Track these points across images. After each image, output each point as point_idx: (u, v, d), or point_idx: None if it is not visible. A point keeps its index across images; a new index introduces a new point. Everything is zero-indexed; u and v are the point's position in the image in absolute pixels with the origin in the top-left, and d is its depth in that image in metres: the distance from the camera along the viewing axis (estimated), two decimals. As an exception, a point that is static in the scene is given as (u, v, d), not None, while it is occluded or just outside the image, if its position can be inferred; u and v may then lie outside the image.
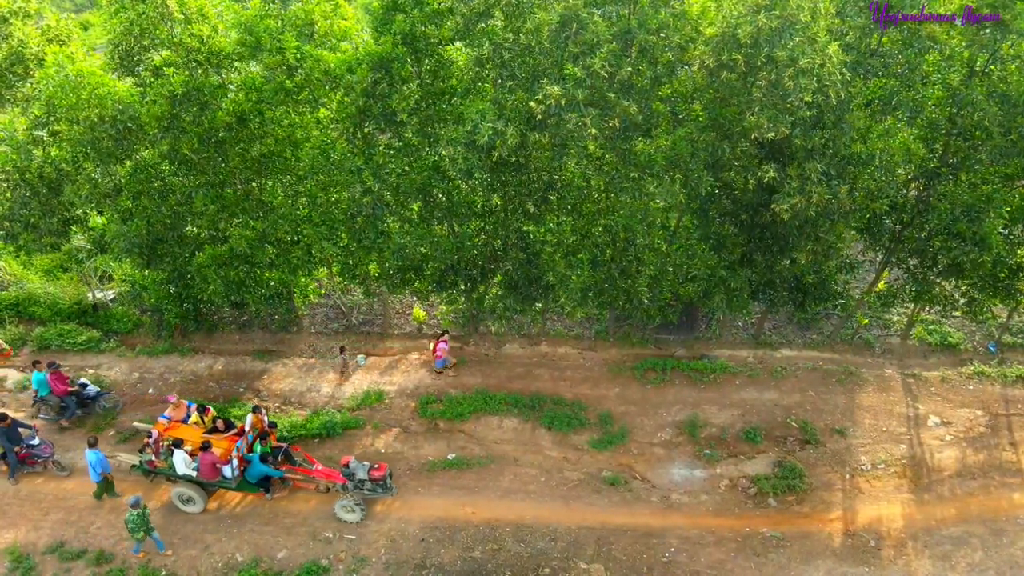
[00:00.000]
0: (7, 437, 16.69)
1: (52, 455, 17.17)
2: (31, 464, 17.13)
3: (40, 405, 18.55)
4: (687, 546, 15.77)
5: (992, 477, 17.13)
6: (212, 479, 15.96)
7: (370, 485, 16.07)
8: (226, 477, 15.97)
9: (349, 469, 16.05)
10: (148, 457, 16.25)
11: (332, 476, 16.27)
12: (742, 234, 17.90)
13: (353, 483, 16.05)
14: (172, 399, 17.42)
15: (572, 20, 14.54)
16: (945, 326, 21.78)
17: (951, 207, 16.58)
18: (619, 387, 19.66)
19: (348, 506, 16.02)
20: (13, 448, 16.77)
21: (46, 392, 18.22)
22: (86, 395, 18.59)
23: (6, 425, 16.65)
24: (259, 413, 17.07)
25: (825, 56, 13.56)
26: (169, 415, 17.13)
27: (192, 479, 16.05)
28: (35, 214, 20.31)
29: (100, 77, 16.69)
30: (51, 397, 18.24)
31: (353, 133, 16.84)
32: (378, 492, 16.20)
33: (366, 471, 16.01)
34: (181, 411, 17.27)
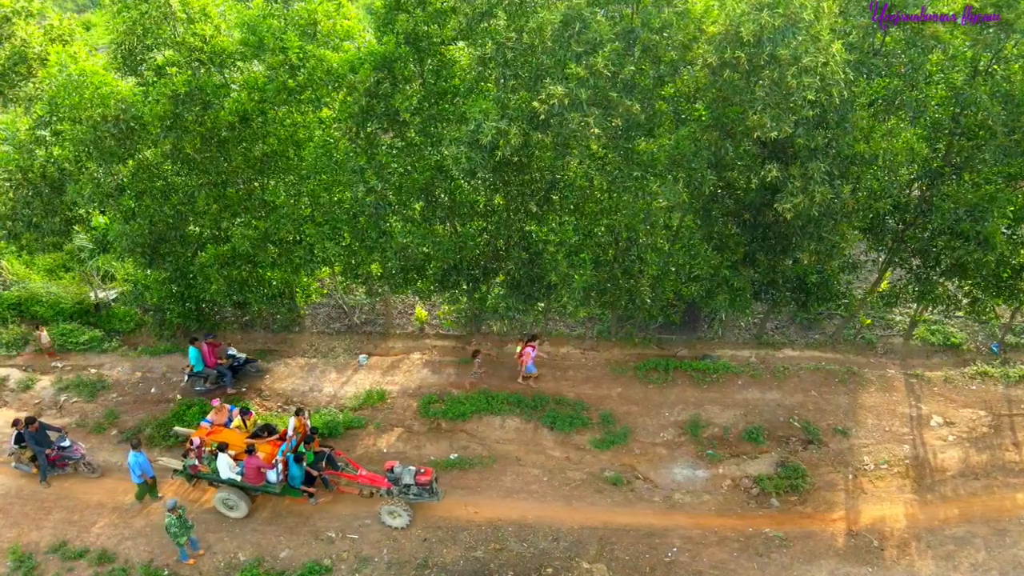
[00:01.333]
0: (36, 440, 16.63)
1: (83, 456, 17.12)
2: (61, 466, 17.06)
3: (194, 380, 19.26)
4: (690, 546, 15.74)
5: (995, 477, 17.09)
6: (257, 483, 15.79)
7: (416, 490, 15.82)
8: (270, 481, 15.81)
9: (394, 474, 15.85)
10: (192, 461, 16.05)
11: (376, 481, 16.07)
12: (745, 234, 17.88)
13: (398, 488, 15.81)
14: (216, 403, 17.31)
15: (575, 19, 14.53)
16: (948, 326, 21.75)
17: (954, 207, 16.55)
18: (621, 387, 19.64)
19: (394, 511, 15.82)
20: (44, 451, 16.69)
21: (201, 366, 18.84)
22: (236, 363, 19.30)
23: (35, 428, 16.60)
24: (302, 416, 16.88)
25: (828, 55, 13.54)
26: (212, 419, 17.01)
27: (236, 483, 15.85)
28: (37, 213, 20.30)
29: (103, 76, 16.69)
30: (207, 370, 19.04)
31: (356, 133, 16.82)
32: (424, 497, 15.92)
33: (412, 475, 15.83)
34: (223, 415, 17.16)
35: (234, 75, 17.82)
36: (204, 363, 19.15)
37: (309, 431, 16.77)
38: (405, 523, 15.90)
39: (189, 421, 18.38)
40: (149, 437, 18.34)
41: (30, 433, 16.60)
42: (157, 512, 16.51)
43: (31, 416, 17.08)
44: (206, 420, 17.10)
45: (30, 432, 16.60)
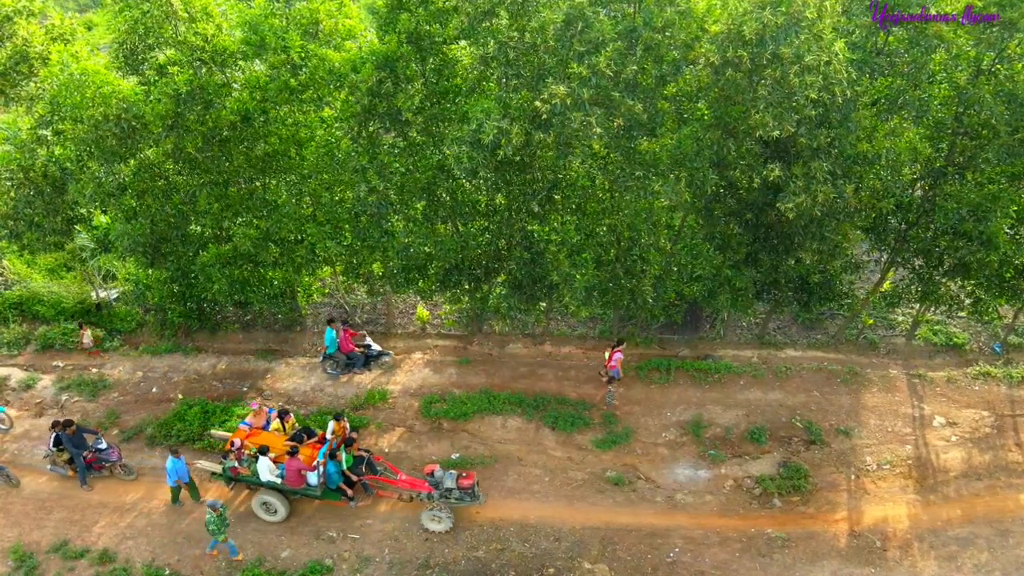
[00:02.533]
0: (73, 443, 16.55)
1: (120, 459, 17.05)
2: (98, 468, 17.00)
3: (327, 362, 19.63)
4: (691, 546, 15.71)
5: (998, 478, 17.04)
6: (298, 486, 15.62)
7: (458, 494, 15.67)
8: (311, 484, 15.63)
9: (435, 478, 15.73)
10: (232, 463, 15.89)
11: (417, 485, 15.93)
12: (747, 233, 17.84)
13: (440, 492, 15.70)
14: (255, 405, 17.16)
15: (577, 19, 14.50)
16: (950, 326, 21.70)
17: (957, 207, 16.51)
18: (623, 387, 19.59)
19: (436, 516, 15.67)
20: (81, 453, 16.61)
21: (335, 349, 19.27)
22: (370, 353, 19.51)
23: (71, 432, 16.52)
24: (341, 420, 16.74)
25: (831, 54, 13.52)
26: (250, 421, 16.87)
27: (276, 487, 15.71)
28: (39, 213, 20.29)
29: (104, 76, 16.69)
30: (339, 354, 19.39)
31: (358, 132, 16.79)
32: (465, 500, 15.76)
33: (454, 480, 15.68)
34: (262, 418, 17.01)
35: (236, 74, 17.80)
36: (338, 347, 19.37)
37: (349, 434, 16.54)
38: (447, 527, 15.74)
39: (190, 421, 18.37)
40: (150, 437, 18.34)
41: (67, 436, 16.48)
42: (158, 511, 16.52)
43: (68, 419, 17.00)
44: (244, 423, 16.92)
45: (67, 435, 16.47)
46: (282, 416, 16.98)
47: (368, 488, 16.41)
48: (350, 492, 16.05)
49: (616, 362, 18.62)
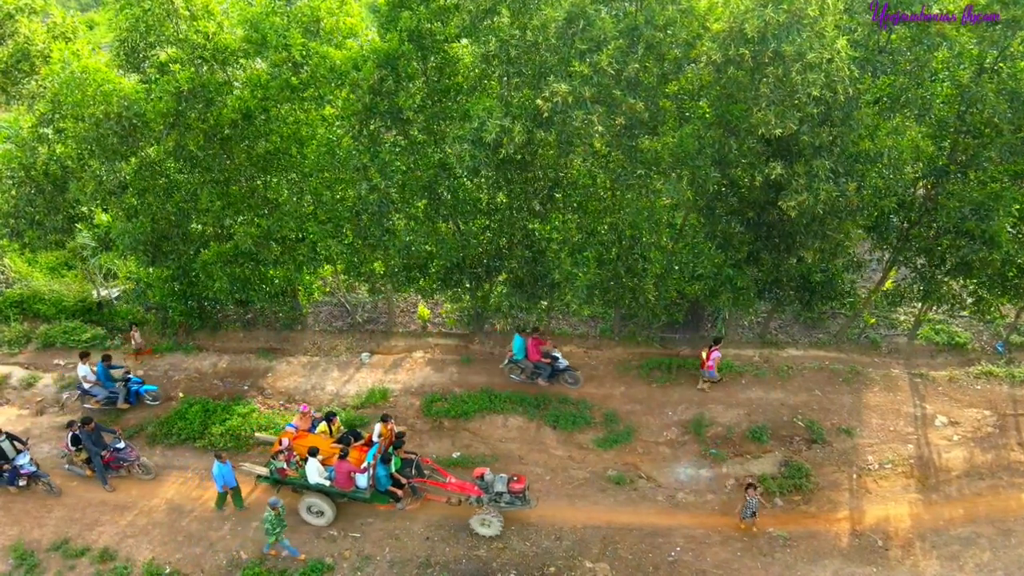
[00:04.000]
0: (92, 441, 16.47)
1: (138, 458, 16.96)
2: (116, 468, 16.91)
3: (512, 366, 19.45)
4: (693, 545, 15.68)
5: (1000, 477, 17.00)
6: (347, 489, 15.45)
7: (508, 498, 15.45)
8: (360, 487, 15.47)
9: (484, 481, 15.61)
10: (280, 465, 15.63)
11: (466, 489, 15.73)
12: (748, 232, 17.81)
13: (489, 496, 15.55)
14: (304, 408, 16.96)
15: (579, 17, 14.47)
16: (952, 326, 21.66)
17: (960, 205, 16.47)
18: (624, 386, 19.58)
19: (486, 520, 15.47)
20: (100, 452, 16.53)
21: (522, 356, 19.09)
22: (557, 366, 19.08)
23: (90, 429, 16.43)
24: (388, 422, 16.51)
25: (833, 51, 13.47)
26: (296, 424, 16.73)
27: (324, 489, 15.54)
28: (40, 211, 20.29)
29: (105, 74, 16.69)
30: (525, 362, 19.12)
31: (359, 130, 16.79)
32: (516, 505, 15.52)
33: (505, 483, 15.47)
34: (307, 420, 16.86)
35: (237, 73, 17.80)
36: (526, 354, 19.13)
37: (395, 436, 16.32)
38: (497, 531, 15.57)
39: (191, 419, 18.37)
40: (151, 435, 18.32)
41: (86, 434, 16.39)
42: (159, 510, 16.51)
43: (87, 416, 16.92)
44: (290, 425, 16.74)
45: (86, 433, 16.39)
46: (328, 419, 16.82)
47: (416, 491, 16.19)
48: (399, 495, 15.81)
49: (714, 361, 18.58)
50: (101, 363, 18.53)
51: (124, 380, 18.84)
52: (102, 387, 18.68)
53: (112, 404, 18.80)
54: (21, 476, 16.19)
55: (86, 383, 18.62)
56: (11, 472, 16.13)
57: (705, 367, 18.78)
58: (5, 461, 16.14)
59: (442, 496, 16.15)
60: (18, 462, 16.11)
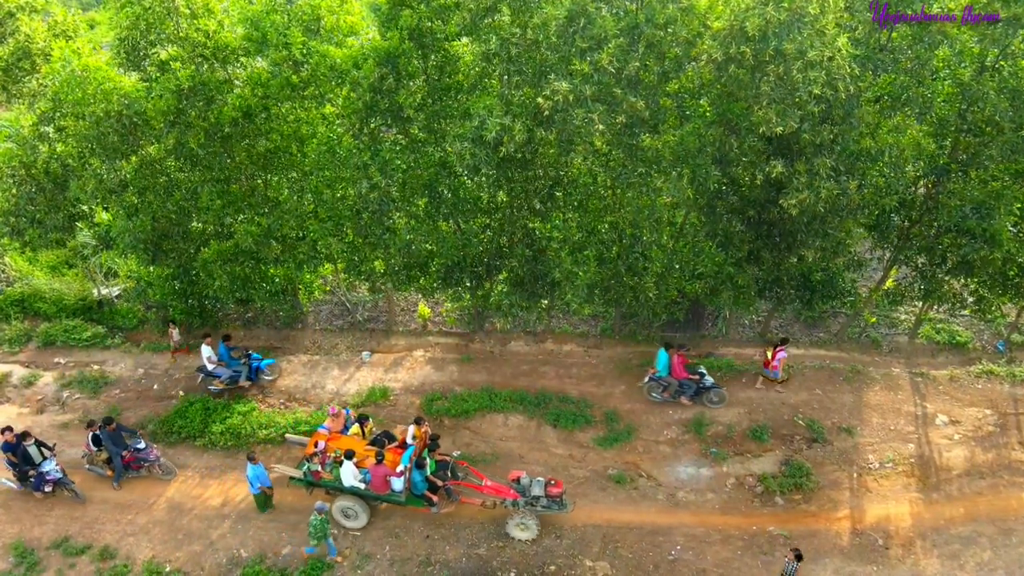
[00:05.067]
0: (113, 441, 16.44)
1: (158, 458, 16.94)
2: (136, 468, 16.89)
3: (653, 384, 18.80)
4: (693, 544, 15.68)
5: (1001, 476, 17.00)
6: (383, 492, 15.30)
7: (545, 501, 15.31)
8: (395, 490, 15.29)
9: (521, 484, 15.50)
10: (315, 467, 15.52)
11: (503, 492, 15.58)
12: (749, 231, 17.80)
13: (526, 499, 15.40)
14: (333, 411, 16.85)
15: (579, 15, 14.45)
16: (953, 325, 21.64)
17: (960, 204, 16.46)
18: (625, 385, 19.58)
19: (523, 523, 15.37)
20: (120, 452, 16.50)
21: (666, 373, 18.59)
22: (703, 384, 18.54)
23: (111, 429, 16.41)
24: (422, 425, 16.33)
25: (834, 49, 13.45)
26: (328, 426, 16.63)
27: (359, 492, 15.42)
28: (41, 210, 20.28)
29: (106, 72, 16.67)
30: (669, 379, 18.55)
31: (359, 129, 16.78)
32: (553, 508, 15.37)
33: (543, 487, 15.38)
34: (340, 422, 16.78)
35: (237, 71, 17.79)
36: (670, 371, 18.50)
37: (430, 438, 16.22)
38: (534, 535, 15.52)
39: (192, 418, 18.37)
40: (152, 434, 18.33)
41: (107, 434, 16.36)
42: (159, 508, 16.52)
43: (108, 416, 16.87)
44: (322, 427, 16.65)
45: (107, 433, 16.36)
46: (361, 421, 16.74)
47: (451, 494, 16.03)
48: (435, 499, 15.61)
49: (779, 362, 18.47)
50: (223, 343, 19.18)
51: (246, 357, 19.22)
52: (226, 367, 19.11)
53: (235, 383, 19.14)
54: (47, 482, 16.09)
55: (210, 364, 19.03)
56: (37, 478, 16.04)
57: (769, 366, 18.64)
58: (32, 467, 16.06)
59: (477, 499, 15.98)
60: (44, 468, 16.01)
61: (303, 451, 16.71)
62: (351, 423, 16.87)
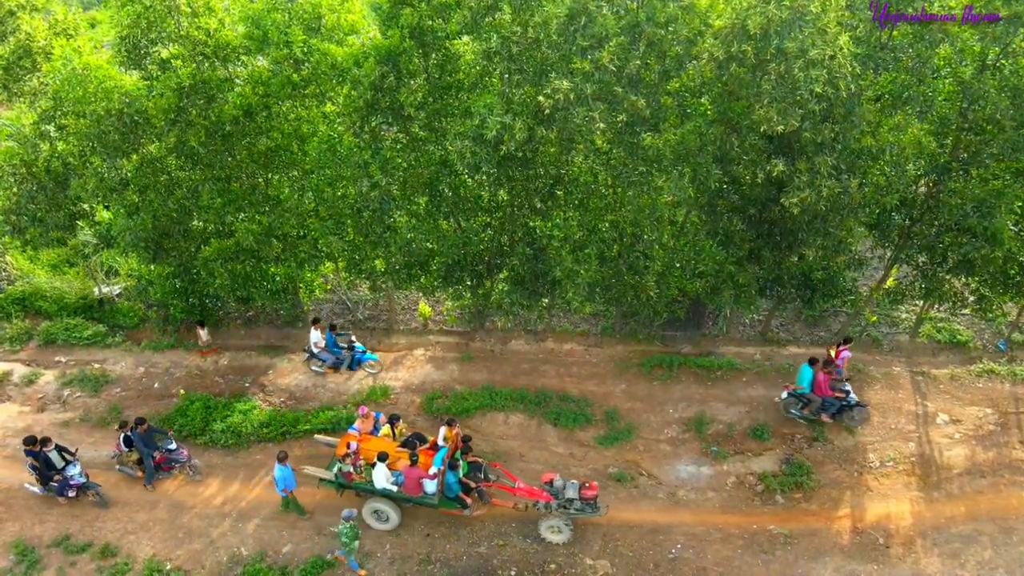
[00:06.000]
0: (144, 442, 16.39)
1: (189, 459, 16.90)
2: (167, 469, 16.84)
3: (791, 400, 17.99)
4: (694, 543, 15.68)
5: (1002, 475, 16.98)
6: (416, 495, 15.16)
7: (579, 504, 15.13)
8: (428, 493, 15.15)
9: (553, 487, 15.40)
10: (347, 469, 15.40)
11: (536, 494, 15.39)
12: (750, 229, 17.79)
13: (559, 502, 15.24)
14: (363, 411, 16.76)
15: (580, 14, 14.43)
16: (954, 324, 21.62)
17: (961, 203, 16.43)
18: (625, 383, 19.58)
19: (555, 526, 15.24)
20: (151, 453, 16.44)
21: (809, 390, 17.62)
22: (848, 401, 17.67)
23: (143, 430, 16.35)
24: (454, 426, 16.21)
25: (836, 47, 13.44)
26: (358, 427, 16.50)
27: (391, 495, 15.28)
28: (42, 208, 20.29)
29: (107, 70, 16.68)
30: (812, 396, 17.67)
31: (360, 127, 16.78)
32: (586, 512, 15.19)
33: (576, 489, 15.19)
34: (369, 423, 16.68)
35: (238, 69, 17.79)
36: (812, 389, 17.75)
37: (461, 440, 16.01)
38: (568, 538, 15.37)
39: (192, 416, 18.38)
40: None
41: (138, 435, 16.30)
42: (160, 506, 16.52)
43: (140, 417, 16.81)
44: (352, 428, 16.52)
45: (138, 434, 16.30)
46: (392, 421, 16.62)
47: (483, 496, 15.82)
48: (468, 501, 15.45)
49: (843, 361, 18.31)
50: (329, 331, 19.74)
51: (349, 347, 19.61)
52: (329, 352, 19.57)
53: (336, 370, 19.78)
54: (71, 487, 16.04)
55: (316, 348, 19.63)
56: (61, 483, 15.99)
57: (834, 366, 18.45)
58: (55, 472, 16.01)
59: (509, 501, 15.89)
60: (68, 473, 15.97)
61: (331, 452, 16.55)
62: (380, 425, 16.73)
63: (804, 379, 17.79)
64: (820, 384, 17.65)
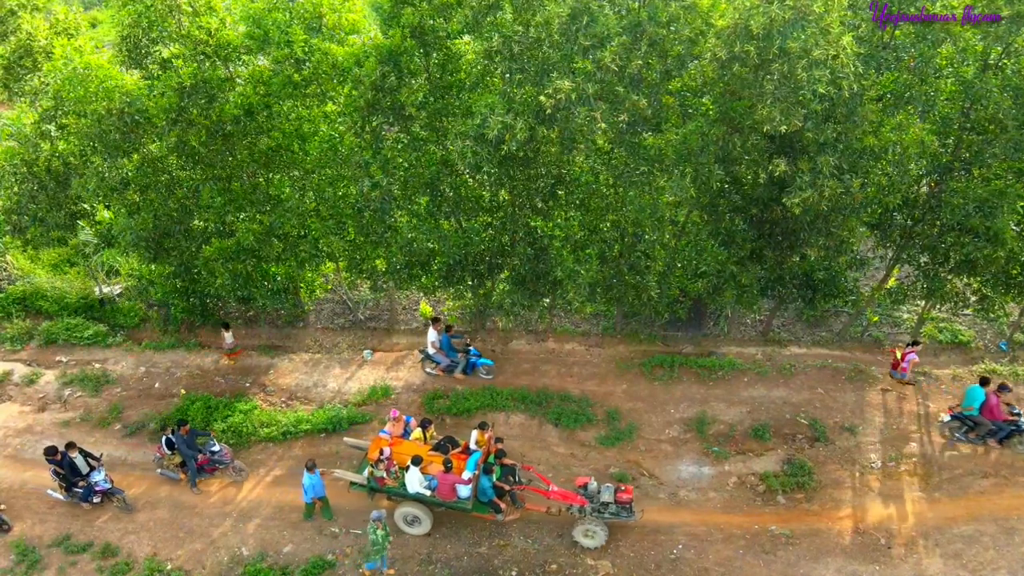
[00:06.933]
0: (187, 444, 16.32)
1: (232, 460, 16.81)
2: (210, 471, 16.75)
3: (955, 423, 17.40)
4: (695, 543, 15.65)
5: (1004, 476, 16.93)
6: (449, 499, 15.00)
7: (614, 508, 15.01)
8: (462, 498, 15.03)
9: (588, 491, 15.30)
10: (380, 474, 15.21)
11: (570, 498, 15.19)
12: (752, 230, 17.76)
13: (594, 506, 15.11)
14: (395, 414, 16.60)
15: (582, 13, 14.42)
16: (956, 324, 21.60)
17: (964, 202, 16.38)
18: (627, 383, 19.55)
19: (591, 531, 15.04)
20: (194, 455, 16.37)
21: (979, 412, 16.95)
22: (1020, 425, 16.75)
23: (185, 432, 16.28)
24: (486, 430, 16.07)
25: (839, 47, 13.41)
26: (389, 430, 16.37)
27: (424, 499, 15.13)
28: (42, 208, 20.28)
29: (108, 70, 16.67)
30: (980, 419, 16.88)
31: (361, 127, 16.75)
32: (622, 516, 15.04)
33: (612, 493, 15.06)
34: (400, 426, 16.53)
35: (239, 69, 17.78)
36: (982, 411, 16.91)
37: (494, 443, 15.89)
38: (601, 543, 15.19)
39: (193, 416, 18.36)
40: (153, 432, 18.32)
41: (180, 437, 16.22)
42: (161, 506, 16.50)
43: (181, 419, 16.70)
44: (383, 432, 16.38)
45: (180, 436, 16.22)
46: (424, 425, 16.50)
47: (516, 500, 15.77)
48: (503, 506, 15.30)
49: (909, 363, 18.15)
50: (445, 333, 19.37)
51: (465, 351, 19.48)
52: (444, 355, 19.42)
53: (450, 373, 19.63)
54: (96, 493, 15.99)
55: (432, 348, 19.39)
56: (86, 489, 15.95)
57: (898, 368, 18.35)
58: (80, 477, 15.97)
59: (542, 505, 15.71)
60: (93, 478, 15.91)
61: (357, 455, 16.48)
62: (411, 428, 16.62)
63: (975, 400, 16.78)
64: (993, 408, 16.63)
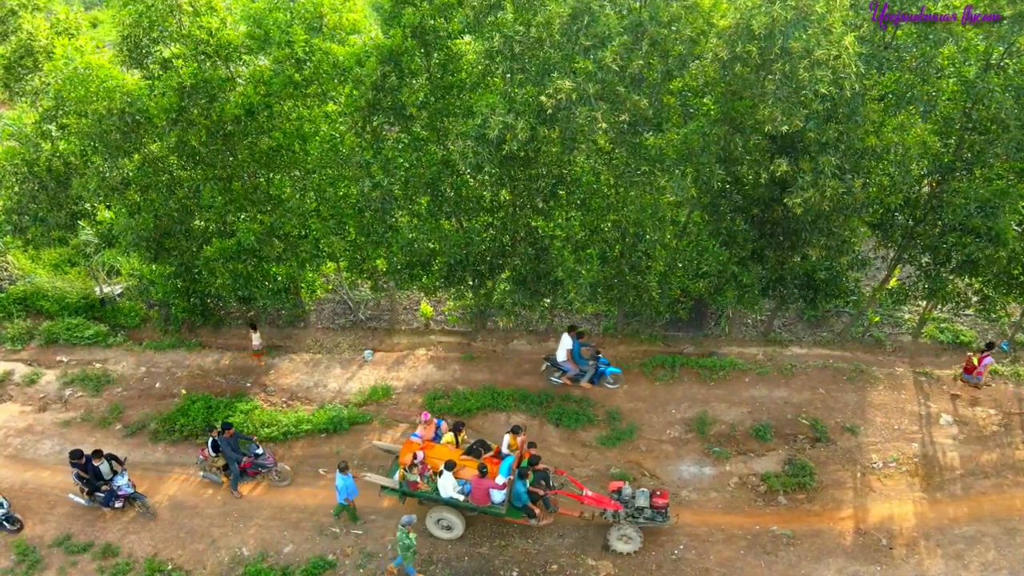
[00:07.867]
0: (232, 447, 16.27)
1: (275, 464, 16.75)
2: (253, 475, 16.68)
3: None
4: (696, 543, 15.63)
5: (1005, 476, 16.93)
6: (483, 504, 14.85)
7: (649, 513, 14.99)
8: (496, 502, 14.81)
9: (622, 495, 15.27)
10: (414, 478, 15.00)
11: (604, 503, 15.15)
12: (753, 229, 17.73)
13: (628, 511, 15.07)
14: (426, 417, 16.43)
15: (583, 13, 14.41)
16: (957, 324, 21.57)
17: (965, 202, 16.36)
18: (627, 383, 19.52)
19: (626, 536, 15.00)
20: (238, 459, 16.32)
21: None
22: None
23: (229, 435, 16.21)
24: (519, 434, 15.86)
25: (841, 47, 13.39)
26: (420, 434, 16.23)
27: (457, 504, 14.99)
28: (43, 208, 20.27)
29: (108, 70, 16.65)
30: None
31: (362, 127, 16.75)
32: (656, 520, 15.00)
33: (647, 498, 15.07)
34: (431, 429, 16.38)
35: (240, 69, 17.77)
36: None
37: (527, 447, 15.68)
38: (637, 548, 15.12)
39: (194, 416, 18.36)
40: (154, 432, 18.32)
41: (225, 440, 16.13)
42: (161, 506, 16.51)
43: (227, 422, 16.65)
44: (415, 435, 16.25)
45: (225, 439, 16.13)
46: (456, 429, 16.36)
47: (550, 505, 15.63)
48: (537, 511, 15.21)
49: (984, 368, 18.02)
50: (576, 340, 18.77)
51: (594, 358, 18.95)
52: (575, 364, 18.88)
53: (577, 382, 19.13)
54: (118, 497, 15.95)
55: (564, 355, 18.76)
56: (108, 493, 15.91)
57: (973, 372, 18.23)
58: (104, 482, 15.93)
59: (576, 510, 15.66)
60: (116, 483, 15.88)
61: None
62: (442, 432, 16.48)
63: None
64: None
